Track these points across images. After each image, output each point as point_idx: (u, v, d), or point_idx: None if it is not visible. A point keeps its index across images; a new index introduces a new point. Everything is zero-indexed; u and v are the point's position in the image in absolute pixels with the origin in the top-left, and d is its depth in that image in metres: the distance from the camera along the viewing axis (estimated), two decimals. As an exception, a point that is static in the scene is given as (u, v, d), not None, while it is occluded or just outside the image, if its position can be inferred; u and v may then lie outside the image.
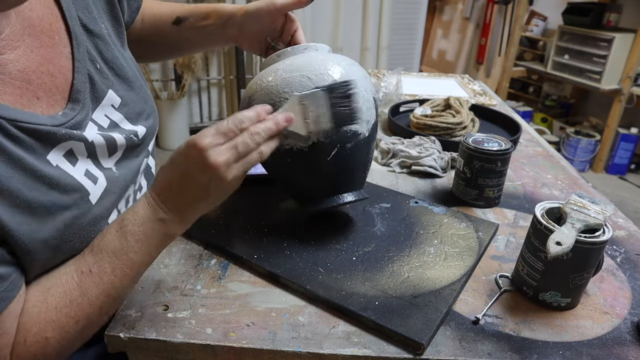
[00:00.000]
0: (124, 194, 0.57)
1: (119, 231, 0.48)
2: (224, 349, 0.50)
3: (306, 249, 0.64)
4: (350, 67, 0.62)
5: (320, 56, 0.62)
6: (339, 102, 0.56)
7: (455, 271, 0.60)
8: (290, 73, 0.59)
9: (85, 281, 0.47)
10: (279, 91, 0.58)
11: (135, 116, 0.60)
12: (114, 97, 0.57)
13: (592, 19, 2.75)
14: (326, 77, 0.58)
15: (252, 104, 0.59)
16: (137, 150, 0.60)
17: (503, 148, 0.76)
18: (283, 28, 0.68)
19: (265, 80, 0.61)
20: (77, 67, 0.52)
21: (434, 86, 1.50)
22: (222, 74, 3.17)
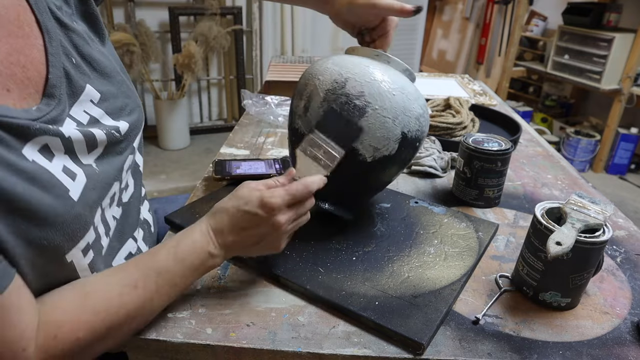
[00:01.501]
0: (107, 192, 0.55)
1: (172, 254, 0.51)
2: (223, 349, 0.50)
3: (306, 249, 0.64)
4: (385, 89, 0.59)
5: (385, 73, 0.61)
6: (338, 120, 0.59)
7: (455, 271, 0.60)
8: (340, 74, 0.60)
9: (127, 294, 0.48)
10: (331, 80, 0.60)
11: (117, 111, 0.58)
12: (93, 93, 0.55)
13: (592, 19, 2.75)
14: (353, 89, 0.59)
15: (310, 83, 0.63)
16: (119, 147, 0.57)
17: (503, 148, 0.76)
18: (377, 27, 0.69)
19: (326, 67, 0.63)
20: (52, 62, 0.50)
21: (434, 86, 1.50)
22: (222, 74, 3.17)
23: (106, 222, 0.56)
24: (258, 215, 0.52)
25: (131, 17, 2.81)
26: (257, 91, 1.40)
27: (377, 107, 0.58)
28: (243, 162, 0.87)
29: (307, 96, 0.62)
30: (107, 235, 0.56)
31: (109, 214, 0.57)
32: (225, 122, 3.29)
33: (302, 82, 0.65)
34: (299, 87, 0.65)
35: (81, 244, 0.50)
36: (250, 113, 1.20)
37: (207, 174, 0.87)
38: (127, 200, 0.63)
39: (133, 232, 0.64)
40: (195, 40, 2.78)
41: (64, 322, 0.46)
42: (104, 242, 0.56)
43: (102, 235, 0.55)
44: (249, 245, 0.54)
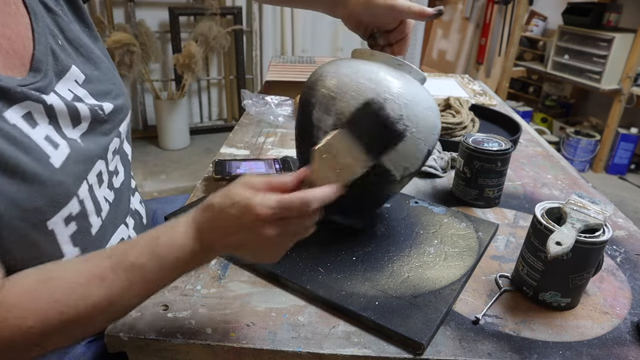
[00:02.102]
0: (92, 167, 0.55)
1: (150, 248, 0.46)
2: (224, 349, 0.50)
3: (306, 249, 0.64)
4: (411, 101, 0.56)
5: (408, 84, 0.58)
6: (369, 128, 0.49)
7: (455, 271, 0.60)
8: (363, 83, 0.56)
9: (94, 285, 0.44)
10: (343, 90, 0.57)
11: (101, 94, 0.59)
12: (78, 73, 0.56)
13: (592, 19, 2.75)
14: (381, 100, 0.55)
15: (318, 85, 0.60)
16: (105, 127, 0.58)
17: (503, 148, 0.76)
18: (394, 29, 0.65)
19: (341, 72, 0.59)
20: (38, 39, 0.51)
21: (434, 86, 1.50)
22: (222, 74, 3.17)
23: (96, 201, 0.57)
24: (240, 221, 0.45)
25: (131, 17, 2.81)
26: (257, 91, 1.40)
27: (414, 129, 0.57)
28: (243, 162, 0.87)
29: (338, 114, 0.57)
30: (97, 214, 0.57)
31: (99, 193, 0.57)
32: (225, 122, 3.29)
33: (326, 94, 0.58)
34: (321, 97, 0.59)
35: (63, 213, 0.50)
36: (250, 113, 1.20)
37: (207, 174, 0.87)
38: (119, 187, 0.64)
39: (125, 218, 0.65)
40: (195, 40, 2.78)
41: (15, 306, 0.42)
42: (93, 221, 0.56)
43: (91, 213, 0.55)
44: (235, 248, 0.48)
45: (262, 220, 0.44)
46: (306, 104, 0.61)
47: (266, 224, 0.44)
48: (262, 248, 0.47)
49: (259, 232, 0.45)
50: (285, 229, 0.45)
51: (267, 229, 0.44)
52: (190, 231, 0.47)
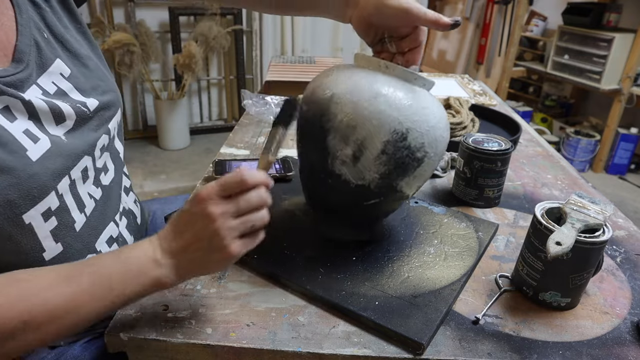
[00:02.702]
0: (76, 163, 0.55)
1: (115, 254, 0.48)
2: (224, 349, 0.50)
3: (306, 249, 0.64)
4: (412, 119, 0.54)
5: (418, 99, 0.55)
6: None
7: (455, 271, 0.60)
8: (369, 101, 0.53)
9: (56, 289, 0.44)
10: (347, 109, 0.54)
11: (87, 89, 0.59)
12: (63, 67, 0.57)
13: (592, 19, 2.75)
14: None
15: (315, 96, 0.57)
16: (91, 123, 0.58)
17: (503, 148, 0.76)
18: (407, 36, 0.60)
19: (341, 85, 0.56)
20: (21, 31, 0.52)
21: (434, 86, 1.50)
22: (222, 74, 3.17)
23: (78, 197, 0.57)
24: (190, 211, 0.47)
25: (131, 17, 2.81)
26: (257, 91, 1.40)
27: (432, 154, 0.56)
28: (243, 162, 0.87)
29: (359, 144, 0.54)
30: (80, 211, 0.57)
31: (83, 190, 0.57)
32: (225, 122, 3.29)
33: (344, 121, 0.54)
34: (339, 124, 0.54)
35: (40, 207, 0.50)
36: (250, 113, 1.20)
37: (207, 174, 0.87)
38: (108, 184, 0.63)
39: (114, 216, 0.65)
40: (195, 40, 2.78)
41: None
42: (76, 217, 0.56)
43: (72, 208, 0.55)
44: (195, 252, 0.47)
45: (206, 198, 0.46)
46: (316, 127, 0.57)
47: (210, 202, 0.46)
48: (216, 235, 0.46)
49: (207, 213, 0.45)
50: (232, 207, 0.46)
51: (212, 207, 0.45)
52: (155, 240, 0.48)
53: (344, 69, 0.59)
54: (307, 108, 0.58)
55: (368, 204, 0.59)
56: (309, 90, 0.60)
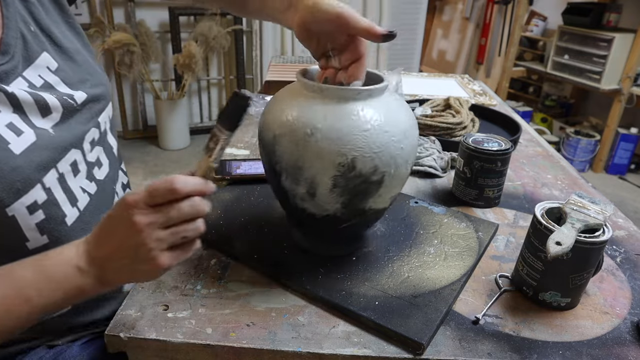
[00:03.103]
0: (63, 156, 0.55)
1: (35, 261, 0.46)
2: (224, 349, 0.50)
3: (297, 242, 0.64)
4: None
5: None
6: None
7: (455, 271, 0.60)
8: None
9: None
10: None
11: (75, 82, 0.59)
12: (50, 60, 0.57)
13: (592, 19, 2.75)
14: None
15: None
16: (79, 116, 0.58)
17: (503, 148, 0.76)
18: (347, 48, 0.56)
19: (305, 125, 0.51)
20: (7, 24, 0.52)
21: (434, 86, 1.50)
22: (222, 74, 3.17)
23: (69, 190, 0.56)
24: (115, 217, 0.44)
25: (131, 17, 2.81)
26: (257, 91, 1.40)
27: (393, 170, 0.53)
28: (243, 162, 0.87)
29: (309, 182, 0.52)
30: (72, 204, 0.57)
31: (74, 183, 0.57)
32: (225, 122, 3.28)
33: (289, 162, 0.52)
34: (286, 166, 0.53)
35: (25, 200, 0.50)
36: (250, 113, 1.20)
37: (207, 174, 0.87)
38: (102, 179, 0.63)
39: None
40: (195, 40, 2.78)
41: None
42: (67, 210, 0.56)
43: (63, 202, 0.55)
44: (121, 260, 0.45)
45: (132, 205, 0.43)
46: (271, 169, 0.55)
47: (137, 210, 0.43)
48: (142, 245, 0.43)
49: (132, 222, 0.43)
50: (161, 217, 0.43)
51: (139, 216, 0.43)
52: (79, 246, 0.46)
53: (283, 99, 0.55)
54: (261, 149, 0.57)
55: (342, 227, 0.58)
56: (259, 128, 0.57)
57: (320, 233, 0.62)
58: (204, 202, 0.46)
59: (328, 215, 0.55)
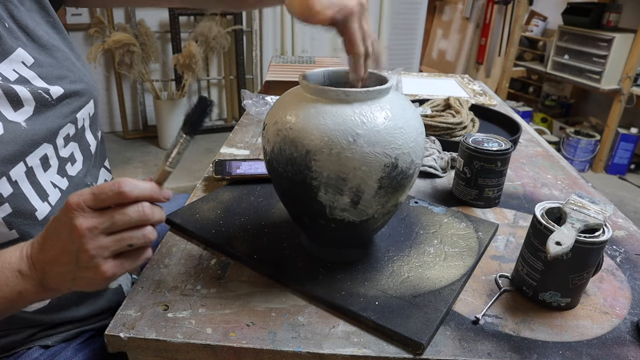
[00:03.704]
0: (33, 150, 0.54)
1: None
2: (224, 349, 0.50)
3: (306, 248, 0.64)
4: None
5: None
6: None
7: (455, 271, 0.60)
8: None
9: None
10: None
11: (53, 78, 0.58)
12: (25, 56, 0.56)
13: (592, 19, 2.75)
14: None
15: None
16: (54, 111, 0.57)
17: (503, 148, 0.76)
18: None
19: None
20: None
21: (434, 86, 1.50)
22: (222, 74, 3.17)
23: (39, 185, 0.56)
24: (59, 219, 0.42)
25: (131, 17, 2.81)
26: (257, 91, 1.40)
27: (419, 159, 0.55)
28: (243, 162, 0.87)
29: (354, 191, 0.51)
30: (43, 199, 0.56)
31: (44, 178, 0.56)
32: (225, 122, 3.29)
33: (330, 175, 0.50)
34: (327, 180, 0.51)
35: None
36: (250, 113, 1.20)
37: (207, 174, 0.87)
38: (75, 175, 0.62)
39: None
40: (195, 40, 2.78)
41: None
42: (37, 205, 0.55)
43: (31, 197, 0.54)
44: (63, 266, 0.43)
45: (74, 207, 0.41)
46: (303, 185, 0.52)
47: (79, 213, 0.40)
48: (84, 252, 0.41)
49: (73, 226, 0.40)
50: (101, 222, 0.41)
51: (80, 219, 0.40)
52: (23, 249, 0.45)
53: (303, 109, 0.52)
54: (283, 169, 0.53)
55: (373, 228, 0.59)
56: (273, 146, 0.53)
57: (340, 239, 0.60)
58: (155, 209, 0.43)
59: (368, 219, 0.56)
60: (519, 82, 3.62)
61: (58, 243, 0.42)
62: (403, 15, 3.48)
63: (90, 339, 0.64)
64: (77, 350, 0.61)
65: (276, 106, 0.56)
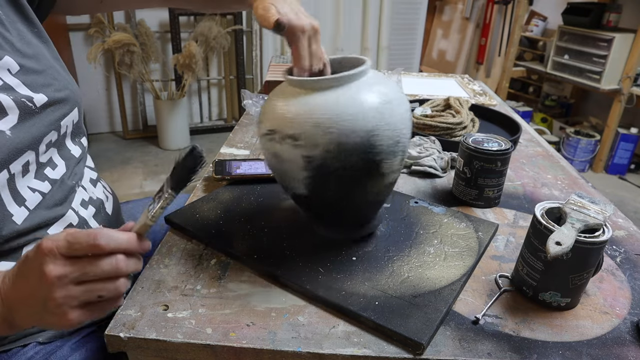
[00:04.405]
0: (17, 158, 0.54)
1: None
2: (224, 349, 0.50)
3: (306, 249, 0.64)
4: None
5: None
6: None
7: (455, 271, 0.60)
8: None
9: None
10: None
11: (38, 85, 0.58)
12: (12, 63, 0.56)
13: (592, 19, 2.75)
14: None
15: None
16: (38, 118, 0.57)
17: (503, 148, 0.76)
18: None
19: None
20: None
21: (434, 86, 1.50)
22: (222, 74, 3.17)
23: (16, 191, 0.56)
24: (30, 260, 0.42)
25: (131, 17, 2.81)
26: (257, 91, 1.40)
27: (405, 139, 0.59)
28: (243, 162, 0.87)
29: (402, 148, 0.58)
30: (19, 204, 0.56)
31: (21, 183, 0.56)
32: (225, 122, 3.29)
33: (389, 144, 0.56)
34: (387, 149, 0.56)
35: None
36: (250, 113, 1.20)
37: (207, 174, 0.87)
38: (59, 178, 0.62)
39: (69, 204, 0.63)
40: (195, 40, 2.78)
41: None
42: (14, 211, 0.55)
43: (8, 203, 0.54)
44: (31, 307, 0.43)
45: (46, 252, 0.40)
46: (368, 169, 0.56)
47: (50, 259, 0.40)
48: (48, 300, 0.40)
49: (42, 273, 0.40)
50: (72, 271, 0.40)
51: (50, 266, 0.40)
52: None
53: (329, 100, 0.55)
54: (342, 162, 0.55)
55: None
56: (325, 147, 0.54)
57: (367, 213, 0.66)
58: (131, 261, 0.43)
59: (393, 182, 0.62)
60: (519, 82, 3.62)
61: (27, 286, 0.42)
62: (403, 15, 3.48)
63: (87, 337, 0.64)
64: (73, 349, 0.61)
65: (295, 112, 0.56)
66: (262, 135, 0.59)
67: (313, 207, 0.64)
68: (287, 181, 0.60)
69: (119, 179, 2.53)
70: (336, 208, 0.62)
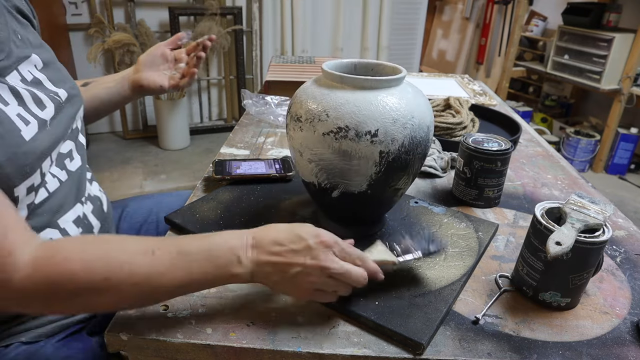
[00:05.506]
0: (57, 146, 0.61)
1: (201, 241, 0.50)
2: (224, 349, 0.50)
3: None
4: None
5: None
6: None
7: (455, 271, 0.60)
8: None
9: (141, 255, 0.47)
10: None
11: (58, 81, 0.64)
12: (37, 59, 0.62)
13: (592, 19, 2.74)
14: None
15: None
16: (65, 112, 0.63)
17: (503, 148, 0.76)
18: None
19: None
20: (1, 27, 0.57)
21: (434, 86, 1.50)
22: (222, 74, 3.17)
23: (50, 177, 0.61)
24: (304, 241, 0.49)
25: (131, 17, 2.81)
26: (257, 91, 1.40)
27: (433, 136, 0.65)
28: (243, 162, 0.87)
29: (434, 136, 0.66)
30: (47, 190, 0.60)
31: (54, 170, 0.62)
32: (225, 122, 3.28)
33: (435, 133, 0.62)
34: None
35: (28, 182, 0.54)
36: (250, 113, 1.20)
37: (207, 174, 0.87)
38: (74, 171, 0.67)
39: (81, 198, 0.68)
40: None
41: (65, 248, 0.46)
42: (40, 193, 0.59)
43: (45, 186, 0.60)
44: (276, 273, 0.49)
45: (326, 244, 0.49)
46: (423, 156, 0.62)
47: (327, 251, 0.49)
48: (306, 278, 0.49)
49: (315, 254, 0.49)
50: (336, 269, 0.49)
51: (324, 254, 0.49)
52: (245, 241, 0.50)
53: (403, 98, 0.59)
54: (412, 154, 0.59)
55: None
56: (403, 141, 0.58)
57: (380, 213, 0.69)
58: (366, 281, 0.51)
59: None
60: (519, 82, 3.62)
61: (290, 256, 0.49)
62: (403, 15, 3.48)
63: (70, 336, 0.63)
64: (57, 348, 0.60)
65: (368, 110, 0.57)
66: (325, 134, 0.57)
67: (358, 203, 0.63)
68: (348, 178, 0.59)
69: (119, 179, 2.53)
70: (367, 204, 0.63)
